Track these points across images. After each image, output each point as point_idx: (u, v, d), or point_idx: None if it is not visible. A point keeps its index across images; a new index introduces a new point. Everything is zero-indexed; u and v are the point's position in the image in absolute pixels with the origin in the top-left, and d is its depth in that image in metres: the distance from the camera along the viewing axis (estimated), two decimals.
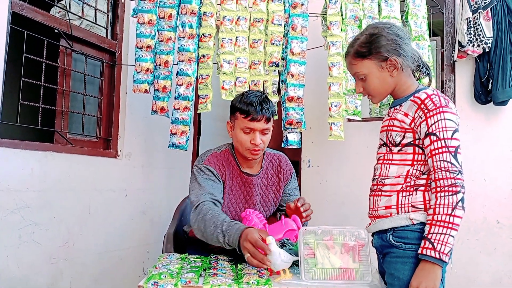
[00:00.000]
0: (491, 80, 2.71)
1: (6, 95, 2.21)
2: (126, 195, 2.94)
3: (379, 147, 1.60)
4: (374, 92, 1.57)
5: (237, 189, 1.96)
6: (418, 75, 1.62)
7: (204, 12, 2.52)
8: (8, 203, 2.13)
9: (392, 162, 1.51)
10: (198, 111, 2.62)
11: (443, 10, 3.00)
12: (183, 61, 2.54)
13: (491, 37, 2.66)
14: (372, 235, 1.59)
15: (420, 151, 1.46)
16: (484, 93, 2.78)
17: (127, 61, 2.97)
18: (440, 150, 1.39)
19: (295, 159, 3.15)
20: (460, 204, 1.35)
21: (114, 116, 2.93)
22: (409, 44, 1.54)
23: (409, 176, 1.47)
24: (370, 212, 1.57)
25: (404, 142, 1.48)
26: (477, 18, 2.68)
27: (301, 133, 2.69)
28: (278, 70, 2.62)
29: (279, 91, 2.68)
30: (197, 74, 2.58)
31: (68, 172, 2.48)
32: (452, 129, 1.40)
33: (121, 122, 2.96)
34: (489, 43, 2.67)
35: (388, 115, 1.57)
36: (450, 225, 1.34)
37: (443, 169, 1.38)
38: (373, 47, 1.51)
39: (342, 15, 2.58)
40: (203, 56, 2.55)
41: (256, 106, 1.81)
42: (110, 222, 2.79)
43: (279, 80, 2.65)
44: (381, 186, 1.52)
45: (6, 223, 2.12)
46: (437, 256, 1.33)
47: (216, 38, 2.58)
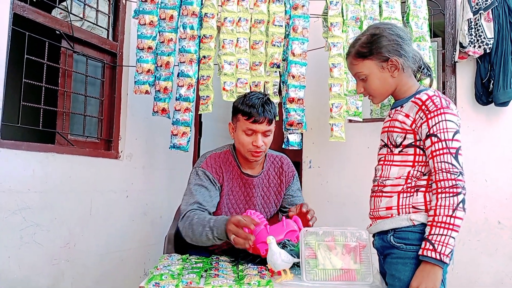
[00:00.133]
0: (492, 81, 2.71)
1: (8, 96, 2.21)
2: (127, 196, 2.94)
3: (380, 148, 1.59)
4: (375, 93, 1.57)
5: (237, 190, 1.96)
6: (419, 76, 1.61)
7: (205, 14, 2.53)
8: (10, 204, 2.14)
9: (393, 163, 1.51)
10: (199, 112, 2.63)
11: (444, 11, 3.00)
12: (184, 62, 2.54)
13: (492, 38, 2.66)
14: (373, 236, 1.59)
15: (421, 152, 1.46)
16: (485, 94, 2.78)
17: (128, 62, 2.97)
18: (441, 152, 1.39)
19: (296, 160, 3.15)
20: (461, 206, 1.35)
21: (115, 117, 2.93)
22: (410, 45, 1.54)
23: (410, 177, 1.47)
24: (371, 213, 1.57)
25: (405, 143, 1.48)
26: (478, 19, 2.68)
27: (302, 134, 2.69)
28: (279, 71, 2.62)
29: (280, 92, 2.68)
30: (198, 75, 2.58)
31: (69, 173, 2.48)
32: (453, 130, 1.40)
33: (122, 123, 2.96)
34: (490, 44, 2.67)
35: (389, 116, 1.57)
36: (451, 226, 1.34)
37: (444, 171, 1.37)
38: (374, 48, 1.51)
39: (343, 16, 2.58)
40: (204, 57, 2.55)
41: (258, 108, 1.81)
42: (111, 223, 2.79)
43: (280, 81, 2.65)
44: (382, 187, 1.52)
45: (8, 224, 2.12)
46: (438, 257, 1.33)
47: (217, 39, 2.59)
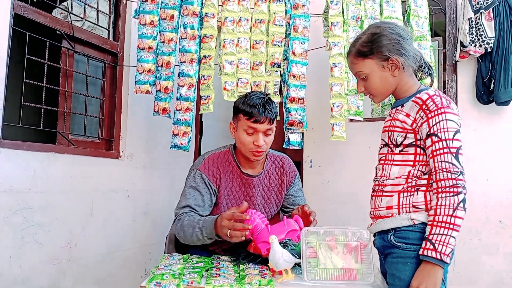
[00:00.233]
0: (493, 80, 2.71)
1: (9, 96, 2.21)
2: (128, 196, 2.94)
3: (381, 148, 1.59)
4: (376, 92, 1.57)
5: (237, 190, 1.97)
6: (420, 75, 1.61)
7: (206, 13, 2.53)
8: (11, 204, 2.14)
9: (394, 163, 1.51)
10: (200, 112, 2.62)
11: (445, 10, 3.00)
12: (185, 62, 2.54)
13: (493, 37, 2.66)
14: (374, 236, 1.59)
15: (422, 152, 1.46)
16: (486, 93, 2.78)
17: (129, 62, 2.97)
18: (442, 151, 1.39)
19: (297, 160, 3.14)
20: (462, 205, 1.35)
21: (116, 117, 2.93)
22: (411, 44, 1.54)
23: (411, 177, 1.47)
24: (372, 213, 1.57)
25: (406, 143, 1.48)
26: (479, 18, 2.68)
27: (303, 134, 2.69)
28: (280, 71, 2.62)
29: (281, 92, 2.68)
30: (199, 75, 2.58)
31: (70, 173, 2.48)
32: (454, 130, 1.40)
33: (123, 123, 2.96)
34: (491, 43, 2.66)
35: (390, 116, 1.57)
36: (451, 226, 1.34)
37: (445, 170, 1.37)
38: (375, 47, 1.51)
39: (344, 16, 2.58)
40: (205, 57, 2.55)
41: (259, 108, 1.81)
42: (112, 223, 2.79)
43: (281, 81, 2.65)
44: (383, 187, 1.52)
45: (9, 224, 2.12)
46: (438, 257, 1.33)
47: (218, 39, 2.58)
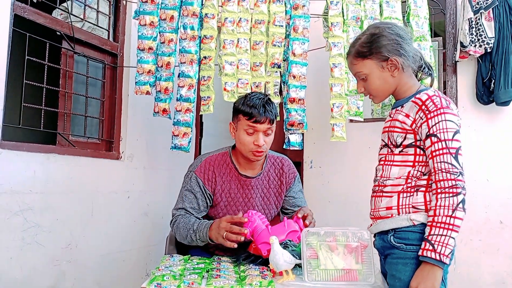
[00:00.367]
0: (493, 81, 2.71)
1: (9, 98, 2.21)
2: (129, 197, 2.94)
3: (381, 148, 1.59)
4: (375, 92, 1.57)
5: (235, 192, 1.96)
6: (420, 75, 1.61)
7: (206, 14, 2.53)
8: (11, 205, 2.14)
9: (394, 163, 1.51)
10: (200, 113, 2.62)
11: (445, 11, 3.00)
12: (185, 63, 2.54)
13: (493, 38, 2.66)
14: (374, 236, 1.59)
15: (421, 152, 1.46)
16: (486, 94, 2.78)
17: (129, 63, 2.97)
18: (441, 152, 1.38)
19: (297, 160, 3.15)
20: (461, 206, 1.35)
21: (116, 118, 2.93)
22: (411, 44, 1.54)
23: (410, 177, 1.47)
24: (372, 213, 1.57)
25: (406, 143, 1.48)
26: (479, 19, 2.68)
27: (303, 135, 2.69)
28: (280, 71, 2.62)
29: (281, 93, 2.68)
30: (199, 76, 2.58)
31: (71, 174, 2.48)
32: (453, 130, 1.39)
33: (123, 124, 2.96)
34: (491, 44, 2.66)
35: (390, 116, 1.57)
36: (451, 227, 1.33)
37: (444, 171, 1.37)
38: (374, 47, 1.51)
39: (344, 16, 2.57)
40: (205, 58, 2.55)
41: (260, 109, 1.81)
42: (113, 224, 2.79)
43: (281, 82, 2.65)
44: (383, 187, 1.52)
45: (9, 225, 2.12)
46: (437, 258, 1.33)
47: (218, 40, 2.58)
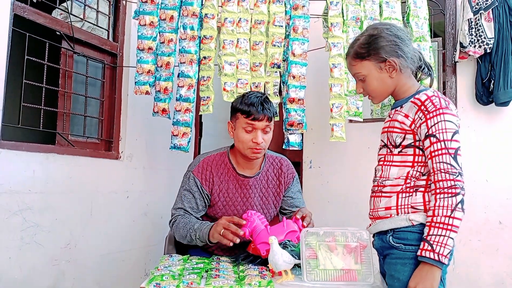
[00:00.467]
0: (493, 81, 2.71)
1: (8, 97, 2.21)
2: (128, 197, 2.94)
3: (380, 148, 1.59)
4: (374, 93, 1.58)
5: (234, 192, 1.97)
6: (420, 76, 1.62)
7: (205, 14, 2.53)
8: (10, 205, 2.14)
9: (393, 164, 1.51)
10: (200, 113, 2.62)
11: (444, 11, 3.00)
12: (185, 63, 2.54)
13: (493, 38, 2.66)
14: (373, 236, 1.59)
15: (421, 153, 1.46)
16: (486, 94, 2.78)
17: (129, 63, 2.97)
18: (440, 152, 1.39)
19: (296, 160, 3.15)
20: (460, 206, 1.35)
21: (116, 118, 2.93)
22: (410, 45, 1.53)
23: (409, 177, 1.47)
24: (371, 213, 1.57)
25: (405, 144, 1.48)
26: (479, 19, 2.68)
27: (302, 135, 2.69)
28: (279, 72, 2.62)
29: (280, 93, 2.68)
30: (199, 76, 2.58)
31: (70, 174, 2.48)
32: (452, 131, 1.40)
33: (123, 124, 2.96)
34: (491, 44, 2.66)
35: (389, 117, 1.57)
36: (450, 227, 1.34)
37: (443, 171, 1.37)
38: (372, 48, 1.51)
39: (343, 17, 2.57)
40: (205, 58, 2.55)
41: (258, 107, 1.83)
42: (112, 224, 2.79)
43: (280, 82, 2.65)
44: (382, 187, 1.52)
45: (8, 225, 2.12)
46: (436, 258, 1.33)
47: (218, 40, 2.58)
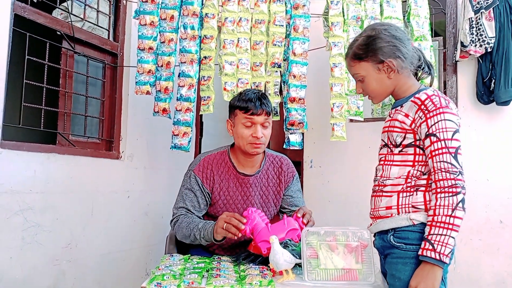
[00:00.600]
0: (494, 80, 2.71)
1: (9, 97, 2.21)
2: (129, 197, 2.94)
3: (381, 148, 1.59)
4: (373, 93, 1.58)
5: (234, 190, 1.97)
6: (420, 75, 1.61)
7: (206, 14, 2.53)
8: (11, 205, 2.14)
9: (393, 163, 1.51)
10: (200, 113, 2.62)
11: (445, 10, 3.00)
12: (185, 63, 2.54)
13: (494, 37, 2.66)
14: (374, 236, 1.59)
15: (421, 152, 1.46)
16: (487, 93, 2.78)
17: (129, 63, 2.97)
18: (440, 151, 1.38)
19: (297, 160, 3.15)
20: (461, 205, 1.35)
21: (116, 118, 2.93)
22: (408, 45, 1.53)
23: (410, 177, 1.47)
24: (372, 213, 1.57)
25: (405, 143, 1.48)
26: (479, 18, 2.68)
27: (303, 134, 2.69)
28: (280, 71, 2.62)
29: (281, 92, 2.68)
30: (199, 76, 2.58)
31: (71, 174, 2.48)
32: (453, 130, 1.39)
33: (123, 124, 2.96)
34: (491, 43, 2.66)
35: (390, 116, 1.57)
36: (450, 226, 1.33)
37: (443, 170, 1.37)
38: (370, 50, 1.51)
39: (344, 16, 2.57)
40: (205, 58, 2.55)
41: (255, 102, 1.86)
42: (113, 224, 2.79)
43: (281, 81, 2.65)
44: (382, 187, 1.52)
45: (9, 225, 2.12)
46: (437, 257, 1.33)
47: (218, 40, 2.58)
